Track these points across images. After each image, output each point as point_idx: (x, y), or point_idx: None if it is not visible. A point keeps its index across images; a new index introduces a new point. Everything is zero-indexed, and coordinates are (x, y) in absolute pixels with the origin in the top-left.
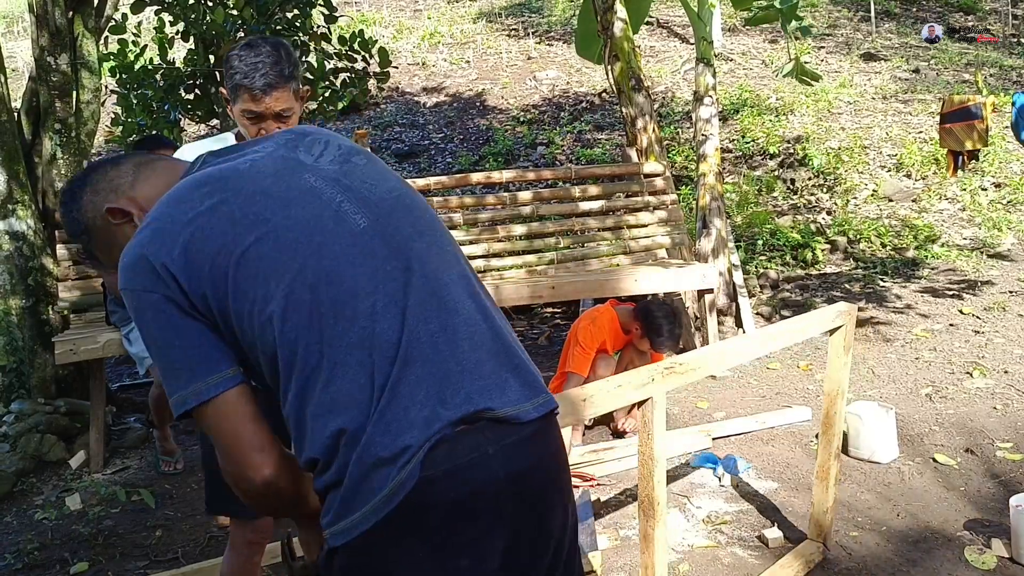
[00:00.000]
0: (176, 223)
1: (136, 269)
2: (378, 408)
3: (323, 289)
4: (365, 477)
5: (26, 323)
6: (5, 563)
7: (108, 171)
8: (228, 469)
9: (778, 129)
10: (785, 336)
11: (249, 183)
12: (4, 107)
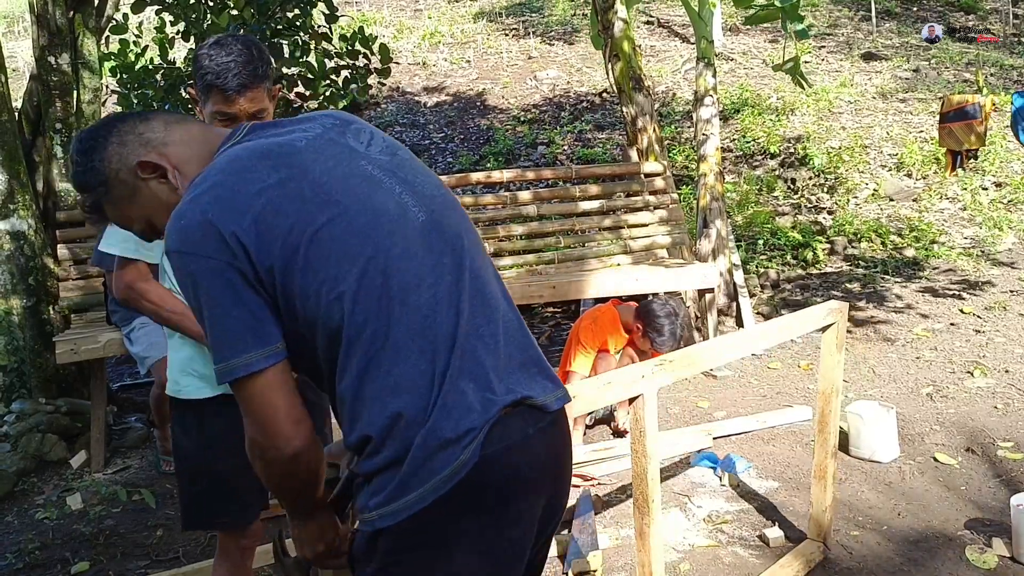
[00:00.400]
0: (244, 193)
1: (199, 234)
2: (440, 394)
3: (394, 276)
4: (429, 458)
5: (27, 323)
6: (6, 563)
7: (137, 124)
8: (259, 440)
9: (779, 129)
10: (777, 333)
11: (312, 163)
12: (5, 107)
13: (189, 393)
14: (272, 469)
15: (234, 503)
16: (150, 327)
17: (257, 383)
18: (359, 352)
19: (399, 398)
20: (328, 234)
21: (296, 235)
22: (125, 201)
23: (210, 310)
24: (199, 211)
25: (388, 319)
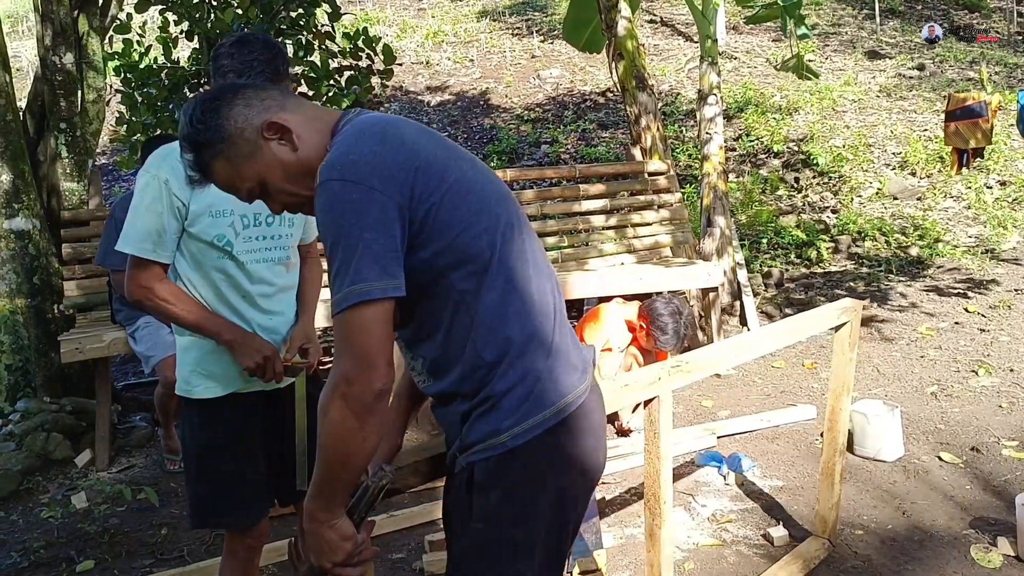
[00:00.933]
0: (406, 141)
1: (369, 167)
2: (559, 324)
3: (519, 221)
4: (557, 380)
5: (32, 322)
6: (12, 561)
7: (258, 90)
8: (351, 372)
9: (782, 128)
10: (791, 333)
11: (440, 138)
12: (10, 106)
13: (200, 393)
14: (350, 408)
15: (241, 502)
16: (154, 326)
17: (368, 312)
18: (503, 276)
19: (535, 319)
20: (471, 178)
21: (450, 177)
22: (244, 159)
23: (349, 238)
24: (368, 149)
25: (524, 254)
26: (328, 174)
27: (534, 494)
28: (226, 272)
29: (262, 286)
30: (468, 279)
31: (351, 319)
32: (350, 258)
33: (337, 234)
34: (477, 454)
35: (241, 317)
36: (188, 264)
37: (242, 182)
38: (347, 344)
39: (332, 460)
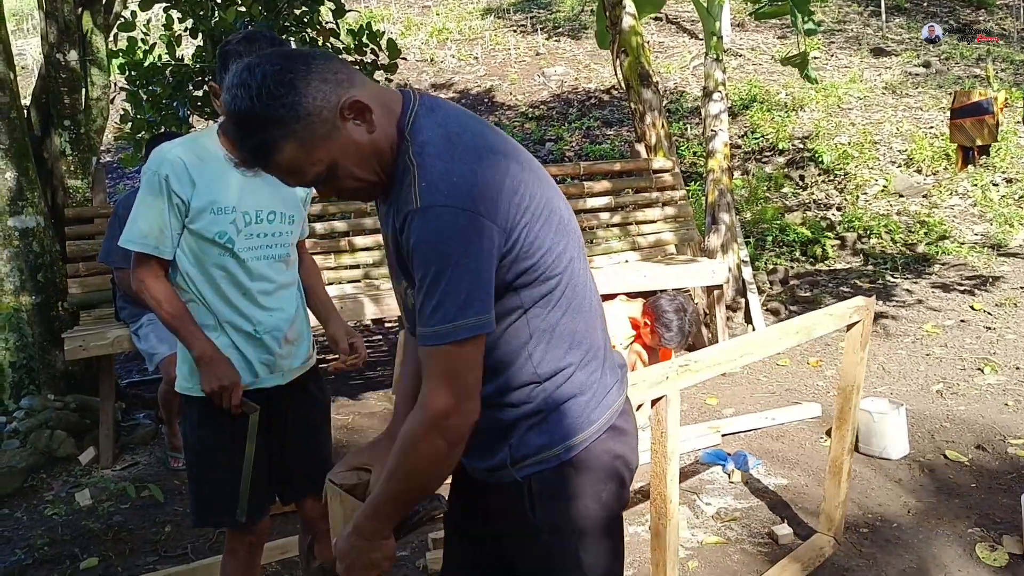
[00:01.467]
0: (500, 163)
1: (474, 193)
2: (606, 346)
3: (580, 248)
4: (607, 391)
5: (36, 319)
6: (16, 558)
7: (328, 61)
8: (449, 407)
9: (787, 125)
10: (802, 332)
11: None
12: (14, 104)
13: (201, 391)
14: (446, 441)
15: (243, 500)
16: (158, 324)
17: (469, 347)
18: (569, 293)
19: (592, 334)
20: (549, 196)
21: (538, 195)
22: (319, 141)
23: (457, 269)
24: (470, 170)
25: (585, 269)
26: (436, 198)
27: (594, 498)
28: (227, 269)
29: (262, 283)
30: (537, 296)
31: (458, 353)
32: (457, 289)
33: (443, 263)
34: (531, 467)
35: (241, 314)
36: (189, 261)
37: (311, 166)
38: (450, 378)
39: (411, 488)
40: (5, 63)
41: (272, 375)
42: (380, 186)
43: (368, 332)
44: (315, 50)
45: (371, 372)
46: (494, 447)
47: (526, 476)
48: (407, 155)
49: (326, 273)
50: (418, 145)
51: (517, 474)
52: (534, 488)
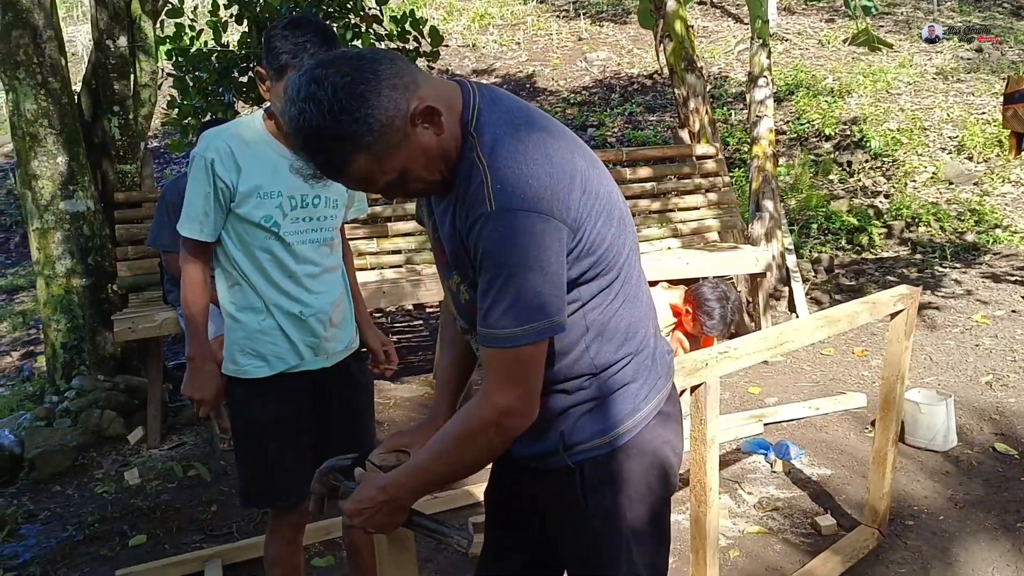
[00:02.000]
0: (566, 163)
1: (547, 196)
2: (657, 335)
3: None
4: (659, 376)
5: (86, 302)
6: (67, 534)
7: (392, 64)
8: (515, 406)
9: (834, 110)
10: (845, 320)
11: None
12: (65, 90)
13: (248, 372)
14: (503, 438)
15: (288, 481)
16: None
17: (539, 349)
18: (626, 286)
19: (645, 325)
20: (609, 191)
21: (602, 192)
22: (391, 151)
23: (531, 272)
24: (544, 172)
25: (638, 266)
26: (511, 202)
27: (645, 483)
28: (272, 253)
29: (308, 266)
30: (596, 290)
31: (529, 355)
32: (530, 293)
33: (517, 267)
34: (584, 453)
35: (288, 296)
36: (234, 245)
37: (383, 175)
38: (517, 380)
39: (453, 473)
40: (57, 50)
41: (317, 358)
42: (445, 184)
43: (409, 317)
44: (378, 52)
45: (412, 357)
46: (546, 433)
47: (578, 462)
48: (474, 153)
49: (368, 258)
50: (486, 144)
51: (569, 460)
52: (586, 474)
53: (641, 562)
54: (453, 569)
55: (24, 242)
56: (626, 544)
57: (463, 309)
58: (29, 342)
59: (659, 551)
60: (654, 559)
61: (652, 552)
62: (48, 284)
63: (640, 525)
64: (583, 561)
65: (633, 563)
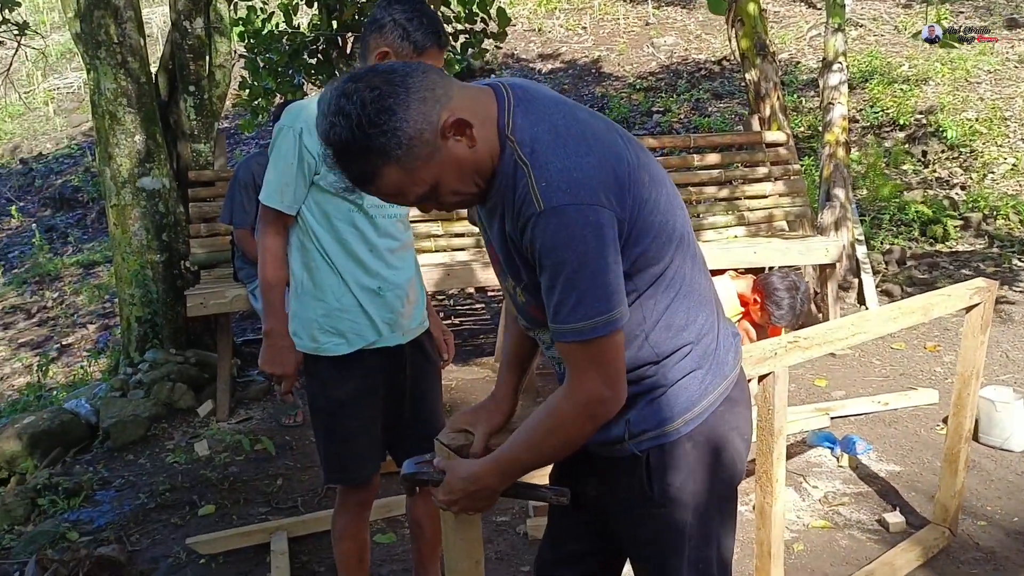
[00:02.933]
0: (610, 154)
1: (595, 186)
2: (721, 321)
3: (687, 228)
4: (723, 363)
5: (160, 277)
6: (140, 502)
7: (422, 76)
8: (605, 395)
9: (910, 99)
10: (918, 312)
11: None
12: (143, 70)
13: (329, 350)
14: (594, 425)
15: (362, 458)
16: None
17: (617, 337)
18: (680, 273)
19: (706, 311)
20: (654, 173)
21: (646, 178)
22: (421, 164)
23: (592, 265)
24: (587, 162)
25: (695, 250)
26: (559, 198)
27: (711, 471)
28: (356, 225)
29: (388, 240)
30: (650, 279)
31: (607, 345)
32: (595, 284)
33: (578, 262)
34: (650, 441)
35: (368, 271)
36: (315, 218)
37: (414, 187)
38: (600, 366)
39: (543, 461)
40: (136, 31)
41: (394, 334)
42: (481, 195)
43: (471, 300)
44: (411, 65)
45: (475, 339)
46: (612, 421)
47: (644, 450)
48: (515, 156)
49: (436, 240)
50: (526, 145)
51: (635, 448)
52: (652, 462)
53: (705, 551)
54: (512, 551)
55: (100, 218)
56: (690, 532)
57: (522, 309)
58: (104, 315)
59: (724, 540)
60: (719, 548)
61: (716, 541)
62: (124, 259)
63: (705, 513)
64: (646, 549)
65: (697, 551)
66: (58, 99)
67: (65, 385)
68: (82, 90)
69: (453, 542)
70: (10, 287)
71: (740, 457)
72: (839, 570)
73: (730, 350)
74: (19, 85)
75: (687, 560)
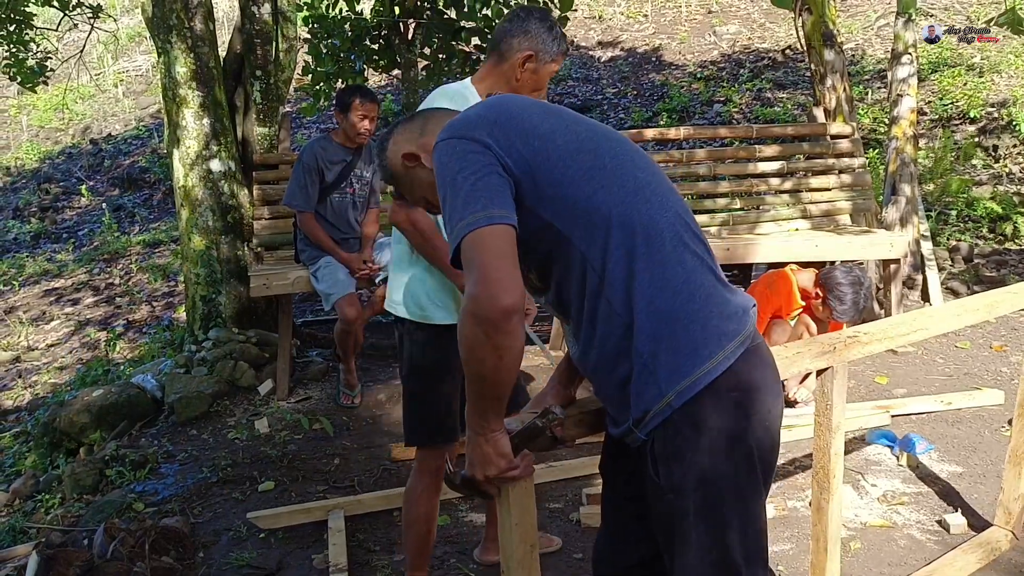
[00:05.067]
0: (511, 115)
1: (463, 125)
2: (710, 284)
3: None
4: (722, 325)
5: (224, 258)
6: (203, 475)
7: (411, 122)
8: (477, 293)
9: (981, 91)
10: (982, 310)
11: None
12: (212, 54)
13: (432, 318)
14: (482, 327)
15: (449, 423)
16: (334, 266)
17: (484, 236)
18: (640, 242)
19: (690, 277)
20: (583, 137)
21: (559, 139)
22: (407, 185)
23: (456, 178)
24: (472, 115)
25: (674, 234)
26: (440, 134)
27: (714, 452)
28: None
29: None
30: (595, 246)
31: (470, 245)
32: (463, 194)
33: (446, 182)
34: (651, 423)
35: None
36: None
37: (415, 201)
38: (470, 267)
39: (471, 375)
40: (206, 16)
41: None
42: None
43: None
44: (436, 111)
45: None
46: (621, 413)
47: (649, 434)
48: None
49: None
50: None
51: (642, 434)
52: (656, 447)
53: (720, 537)
54: (565, 539)
55: (166, 199)
56: (699, 521)
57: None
58: (168, 294)
59: (747, 524)
60: (742, 532)
61: (733, 533)
62: (190, 239)
63: (714, 501)
64: (661, 541)
65: (710, 538)
66: (127, 81)
67: (131, 360)
68: (150, 73)
69: (508, 527)
70: (80, 264)
71: (758, 449)
72: (897, 570)
73: (731, 313)
74: (90, 67)
75: (696, 548)
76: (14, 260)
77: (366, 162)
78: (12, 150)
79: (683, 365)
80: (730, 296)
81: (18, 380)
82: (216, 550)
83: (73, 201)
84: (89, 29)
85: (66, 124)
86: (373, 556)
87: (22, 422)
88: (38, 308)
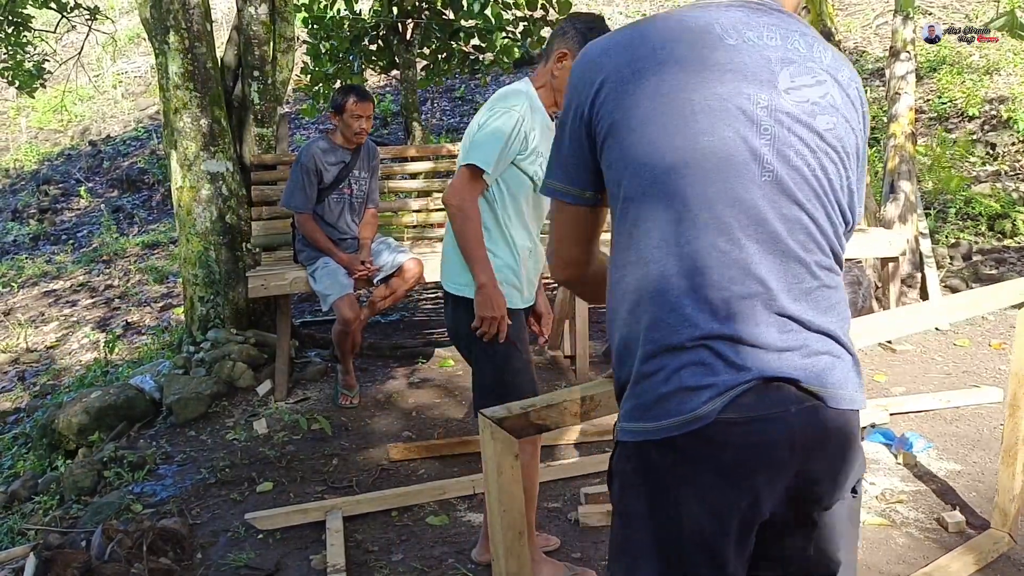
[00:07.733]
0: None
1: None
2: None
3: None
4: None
5: (222, 258)
6: (201, 476)
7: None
8: (549, 252)
9: (980, 89)
10: (965, 307)
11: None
12: (209, 54)
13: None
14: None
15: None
16: (332, 267)
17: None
18: (632, 239)
19: (662, 296)
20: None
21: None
22: None
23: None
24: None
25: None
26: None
27: (640, 503)
28: (529, 202)
29: (542, 211)
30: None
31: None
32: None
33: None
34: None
35: (531, 238)
36: (503, 188)
37: None
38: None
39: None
40: (203, 16)
41: (525, 297)
42: None
43: None
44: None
45: None
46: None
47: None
48: None
49: None
50: None
51: (618, 435)
52: (613, 460)
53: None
54: (563, 538)
55: (165, 200)
56: (630, 560)
57: None
58: (166, 295)
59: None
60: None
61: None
62: (188, 240)
63: (617, 545)
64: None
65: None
66: (126, 83)
67: (129, 361)
68: (149, 74)
69: (495, 514)
70: (79, 265)
71: (699, 528)
72: (895, 568)
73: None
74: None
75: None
76: (13, 262)
77: (364, 162)
78: (11, 152)
79: (636, 412)
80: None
81: (17, 382)
82: (214, 551)
83: (72, 203)
84: (87, 31)
85: (65, 126)
86: (371, 556)
87: (21, 423)
88: (37, 310)
